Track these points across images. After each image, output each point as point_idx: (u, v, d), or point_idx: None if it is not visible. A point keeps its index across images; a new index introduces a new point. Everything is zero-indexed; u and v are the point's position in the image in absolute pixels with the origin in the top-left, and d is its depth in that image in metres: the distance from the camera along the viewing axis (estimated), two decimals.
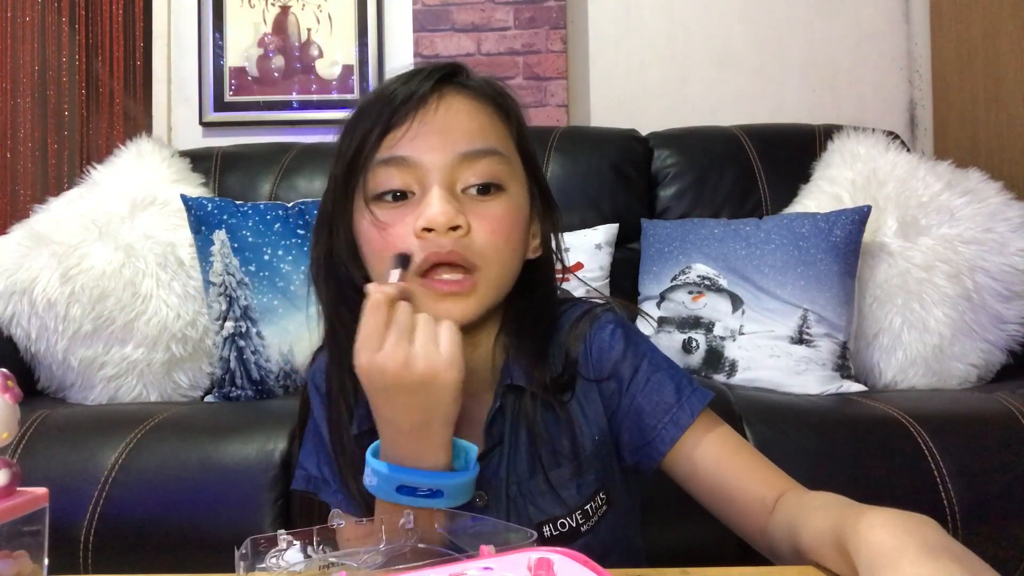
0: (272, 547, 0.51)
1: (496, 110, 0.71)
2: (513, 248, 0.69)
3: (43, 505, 0.44)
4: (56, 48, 2.48)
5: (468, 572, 0.45)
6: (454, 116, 0.68)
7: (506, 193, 0.68)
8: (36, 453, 1.24)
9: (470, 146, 0.67)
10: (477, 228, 0.66)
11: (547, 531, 0.68)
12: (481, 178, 0.67)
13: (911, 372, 1.52)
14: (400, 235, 0.66)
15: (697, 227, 1.72)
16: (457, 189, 0.67)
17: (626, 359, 0.73)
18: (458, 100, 0.69)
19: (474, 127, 0.68)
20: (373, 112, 0.69)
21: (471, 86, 0.71)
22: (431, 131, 0.67)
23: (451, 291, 0.66)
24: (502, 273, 0.69)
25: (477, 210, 0.67)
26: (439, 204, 0.64)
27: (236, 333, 1.54)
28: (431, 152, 0.66)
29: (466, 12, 2.26)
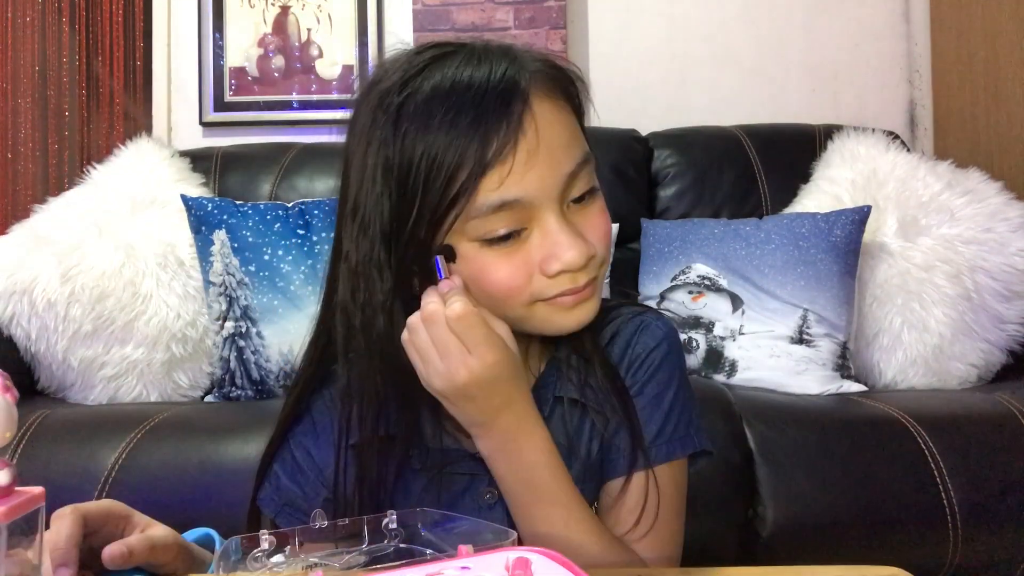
0: (254, 547, 0.51)
1: (568, 97, 0.66)
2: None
3: (40, 504, 0.44)
4: (56, 48, 2.48)
5: (446, 572, 0.45)
6: (550, 133, 0.61)
7: (597, 190, 0.67)
8: (36, 453, 1.24)
9: (572, 163, 0.63)
10: (592, 236, 0.65)
11: None
12: (584, 189, 0.64)
13: (911, 372, 1.52)
14: (522, 275, 0.63)
15: (697, 227, 1.72)
16: (563, 207, 0.63)
17: (653, 377, 0.71)
18: (544, 107, 0.62)
19: (569, 136, 0.64)
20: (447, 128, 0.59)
21: (545, 77, 0.64)
22: (538, 160, 0.60)
23: (579, 300, 0.65)
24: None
25: (585, 219, 0.65)
26: (569, 242, 0.62)
27: (236, 333, 1.54)
28: (541, 185, 0.61)
29: (466, 12, 2.26)
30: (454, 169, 0.59)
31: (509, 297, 0.64)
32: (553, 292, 0.64)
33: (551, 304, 0.64)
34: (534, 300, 0.64)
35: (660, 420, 0.69)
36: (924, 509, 1.17)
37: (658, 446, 0.68)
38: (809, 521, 1.19)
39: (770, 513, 1.19)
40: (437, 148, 0.59)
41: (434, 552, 0.53)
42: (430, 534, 0.56)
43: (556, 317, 0.65)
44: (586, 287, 0.65)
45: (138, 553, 0.56)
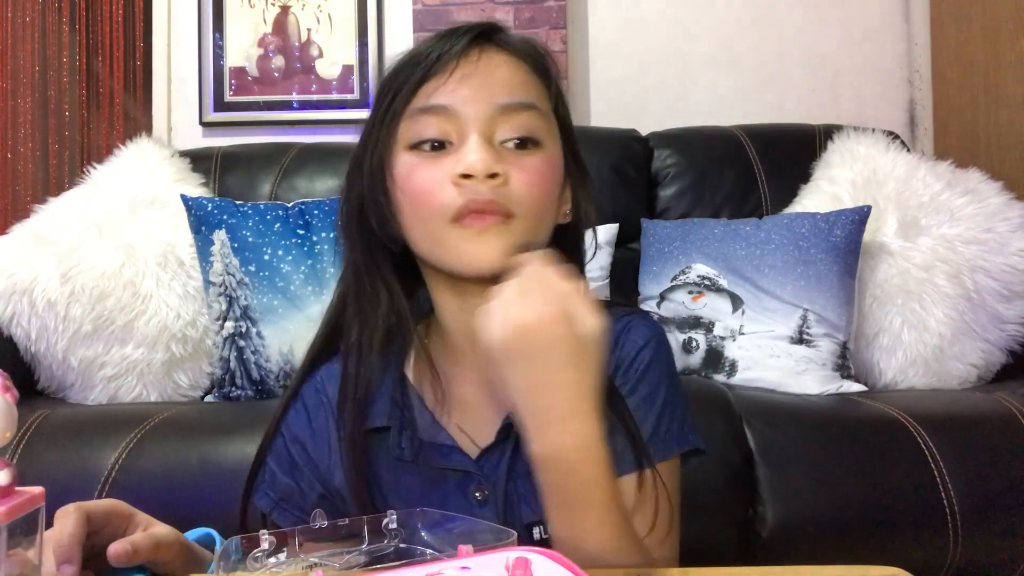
0: (254, 547, 0.51)
1: (535, 68, 0.71)
2: (549, 203, 0.69)
3: (40, 504, 0.44)
4: (56, 48, 2.48)
5: (446, 572, 0.45)
6: (495, 68, 0.68)
7: (543, 149, 0.68)
8: (36, 453, 1.24)
9: (510, 98, 0.67)
10: (515, 178, 0.66)
11: (537, 533, 0.67)
12: (520, 131, 0.67)
13: (911, 372, 1.52)
14: (437, 180, 0.66)
15: (697, 227, 1.72)
16: (495, 141, 0.67)
17: (643, 378, 0.71)
18: (500, 54, 0.70)
19: (515, 81, 0.69)
20: (411, 64, 0.69)
21: (511, 44, 0.71)
22: (472, 81, 0.67)
23: (483, 226, 0.65)
24: (538, 224, 0.68)
25: (515, 161, 0.66)
26: (478, 151, 0.64)
27: (236, 333, 1.54)
28: (471, 102, 0.66)
29: (466, 12, 2.26)
30: (405, 78, 0.69)
31: (425, 204, 0.67)
32: (458, 203, 0.65)
33: (460, 227, 0.65)
34: (446, 215, 0.65)
35: (654, 419, 0.70)
36: (924, 509, 1.17)
37: (654, 445, 0.68)
38: (809, 521, 1.19)
39: (770, 513, 1.19)
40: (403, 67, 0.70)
41: (434, 552, 0.53)
42: (430, 534, 0.56)
43: (464, 244, 0.65)
44: (490, 212, 0.65)
45: (142, 551, 0.56)
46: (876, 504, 1.19)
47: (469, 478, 0.69)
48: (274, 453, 0.74)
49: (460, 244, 0.66)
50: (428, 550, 0.54)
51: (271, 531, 0.53)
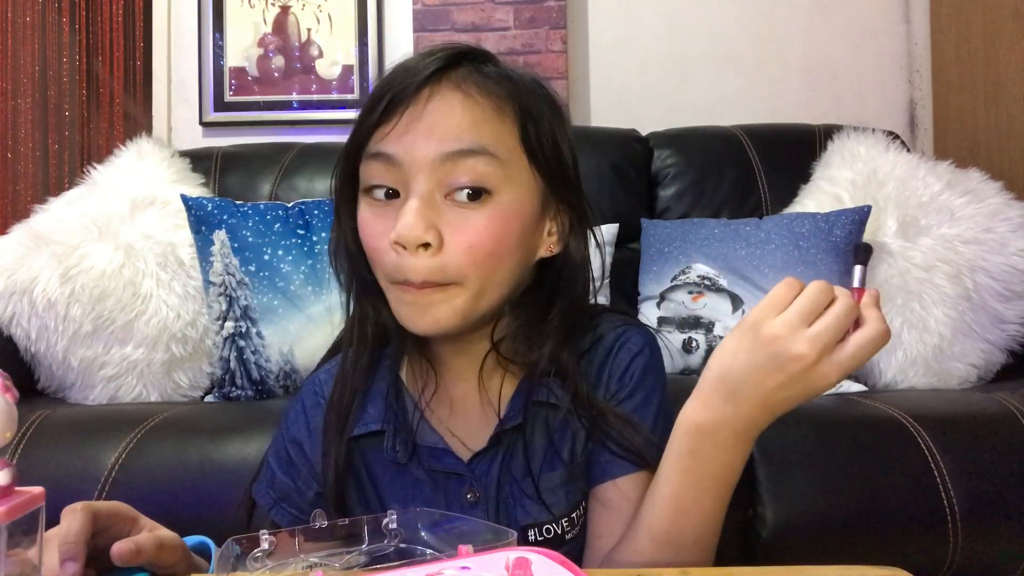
0: (254, 547, 0.51)
1: (500, 104, 0.67)
2: (501, 257, 0.65)
3: (40, 504, 0.44)
4: (56, 48, 2.48)
5: (446, 572, 0.45)
6: (443, 111, 0.65)
7: (494, 198, 0.64)
8: (36, 453, 1.24)
9: (456, 144, 0.63)
10: (453, 242, 0.63)
11: (532, 535, 0.68)
12: (466, 181, 0.63)
13: (911, 372, 1.52)
14: (381, 240, 0.65)
15: (697, 227, 1.72)
16: (440, 194, 0.64)
17: (641, 383, 0.72)
18: (454, 94, 0.65)
19: (464, 123, 0.64)
20: (371, 100, 0.68)
21: (479, 78, 0.67)
22: (417, 127, 0.64)
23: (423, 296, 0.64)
24: (486, 287, 0.66)
25: (456, 220, 0.64)
26: (410, 218, 0.62)
27: (236, 333, 1.54)
28: (414, 150, 0.64)
29: (466, 12, 2.26)
30: (365, 115, 0.67)
31: (373, 258, 0.67)
32: (396, 277, 0.65)
33: (399, 289, 0.65)
34: (388, 278, 0.66)
35: (650, 424, 0.70)
36: (924, 509, 1.17)
37: (653, 449, 0.68)
38: (809, 521, 1.19)
39: (770, 513, 1.19)
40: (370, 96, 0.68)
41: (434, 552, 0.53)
42: (430, 534, 0.56)
43: (403, 308, 0.66)
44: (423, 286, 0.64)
45: (146, 551, 0.56)
46: (876, 504, 1.19)
47: (461, 480, 0.69)
48: (274, 452, 0.76)
49: (400, 307, 0.66)
50: (428, 550, 0.54)
51: (271, 531, 0.53)
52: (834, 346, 0.54)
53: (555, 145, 0.70)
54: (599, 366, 0.73)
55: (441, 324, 0.65)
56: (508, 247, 0.66)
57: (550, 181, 0.69)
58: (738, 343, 0.57)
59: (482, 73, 0.68)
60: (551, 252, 0.71)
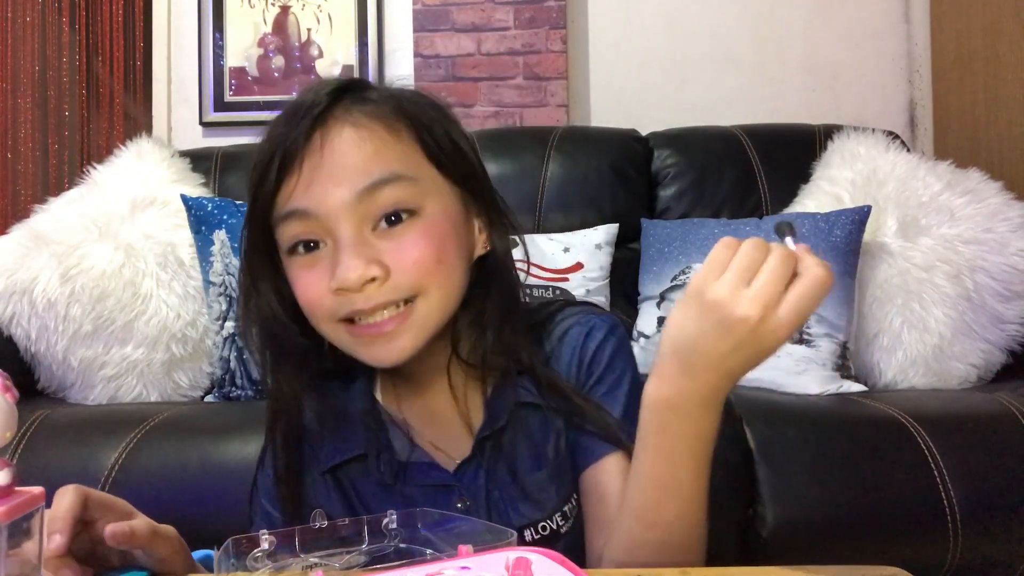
0: (254, 547, 0.51)
1: (390, 127, 0.67)
2: (449, 264, 0.67)
3: (40, 504, 0.44)
4: (56, 48, 2.48)
5: (446, 572, 0.45)
6: (342, 151, 0.64)
7: (420, 214, 0.65)
8: (36, 453, 1.24)
9: (366, 179, 0.63)
10: (397, 265, 0.64)
11: (528, 535, 0.68)
12: (388, 209, 0.64)
13: (911, 372, 1.52)
14: (317, 291, 0.64)
15: (697, 227, 1.72)
16: (366, 229, 0.64)
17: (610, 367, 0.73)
18: (345, 131, 0.65)
19: (366, 156, 0.64)
20: (263, 163, 0.66)
21: (361, 106, 0.67)
22: (321, 175, 0.64)
23: (378, 333, 0.64)
24: (444, 294, 0.67)
25: (392, 245, 0.64)
26: (346, 261, 0.62)
27: (236, 333, 1.54)
28: (327, 199, 0.63)
29: (466, 12, 2.26)
30: (260, 178, 0.66)
31: (311, 313, 0.66)
32: (342, 313, 0.64)
33: (350, 330, 0.65)
34: (333, 319, 0.65)
35: (622, 405, 0.71)
36: (924, 509, 1.17)
37: (628, 427, 0.68)
38: (809, 521, 1.19)
39: (770, 513, 1.19)
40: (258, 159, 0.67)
41: (434, 552, 0.53)
42: (430, 534, 0.56)
43: (361, 348, 0.66)
44: (388, 321, 0.64)
45: (140, 536, 0.56)
46: (876, 504, 1.18)
47: (450, 491, 0.69)
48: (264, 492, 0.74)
49: (357, 348, 0.66)
50: (428, 550, 0.54)
51: (271, 531, 0.53)
52: (777, 301, 0.52)
53: (454, 146, 0.70)
54: (568, 359, 0.73)
55: (408, 351, 0.66)
56: (450, 251, 0.67)
57: (462, 183, 0.70)
58: (684, 312, 0.55)
59: (363, 99, 0.67)
60: (487, 248, 0.73)
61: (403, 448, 0.70)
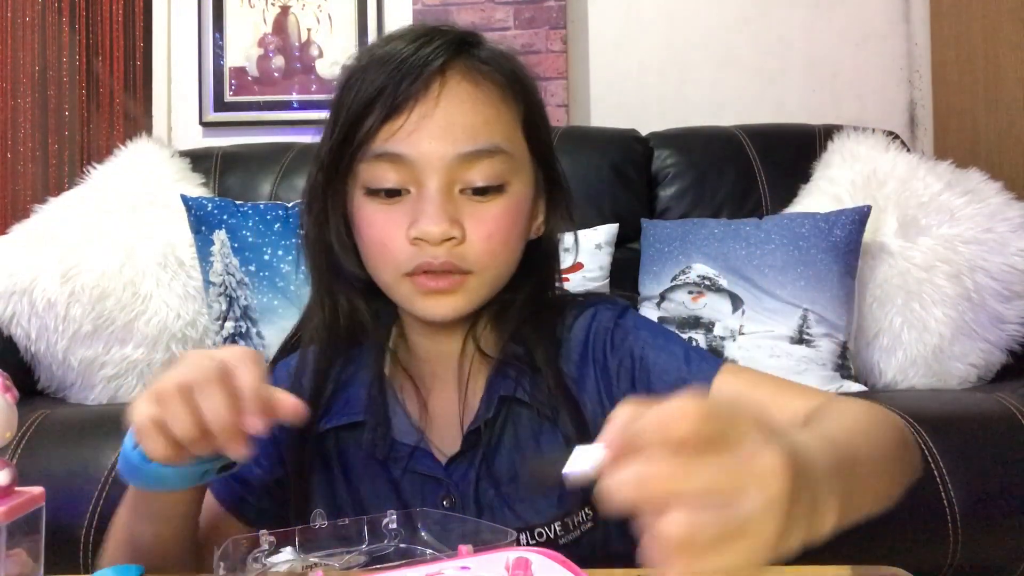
0: (254, 548, 0.51)
1: (504, 95, 0.67)
2: (512, 247, 0.67)
3: (40, 504, 0.44)
4: (56, 48, 2.48)
5: (446, 572, 0.45)
6: (457, 109, 0.64)
7: (507, 192, 0.66)
8: (36, 453, 1.24)
9: (472, 144, 0.63)
10: (473, 233, 0.64)
11: (523, 539, 0.65)
12: (482, 179, 0.64)
13: (911, 372, 1.52)
14: (392, 235, 0.64)
15: (697, 227, 1.72)
16: (455, 189, 0.64)
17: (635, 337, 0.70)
18: (463, 87, 0.64)
19: (478, 122, 0.64)
20: (371, 82, 0.64)
21: (482, 65, 0.66)
22: (430, 126, 0.63)
23: (437, 288, 0.64)
24: (498, 274, 0.67)
25: (474, 212, 0.64)
26: (433, 213, 0.62)
27: (236, 333, 1.54)
28: (430, 150, 0.63)
29: (466, 12, 2.26)
30: (362, 109, 0.64)
31: (380, 256, 0.66)
32: (412, 264, 0.64)
33: (413, 281, 0.65)
34: (400, 271, 0.65)
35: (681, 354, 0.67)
36: (924, 509, 1.17)
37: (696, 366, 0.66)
38: None
39: None
40: (360, 90, 0.65)
41: (434, 552, 0.53)
42: (430, 534, 0.56)
43: (416, 300, 0.65)
44: (444, 277, 0.64)
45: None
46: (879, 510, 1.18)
47: (438, 485, 0.67)
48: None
49: (414, 299, 0.66)
50: (428, 550, 0.54)
51: (271, 531, 0.53)
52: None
53: (545, 126, 0.71)
54: (580, 349, 0.70)
55: (459, 310, 0.66)
56: (517, 235, 0.68)
57: (542, 164, 0.71)
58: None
59: (481, 58, 0.67)
60: (538, 234, 0.72)
61: (401, 428, 0.68)
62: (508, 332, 0.70)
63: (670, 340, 0.70)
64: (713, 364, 0.67)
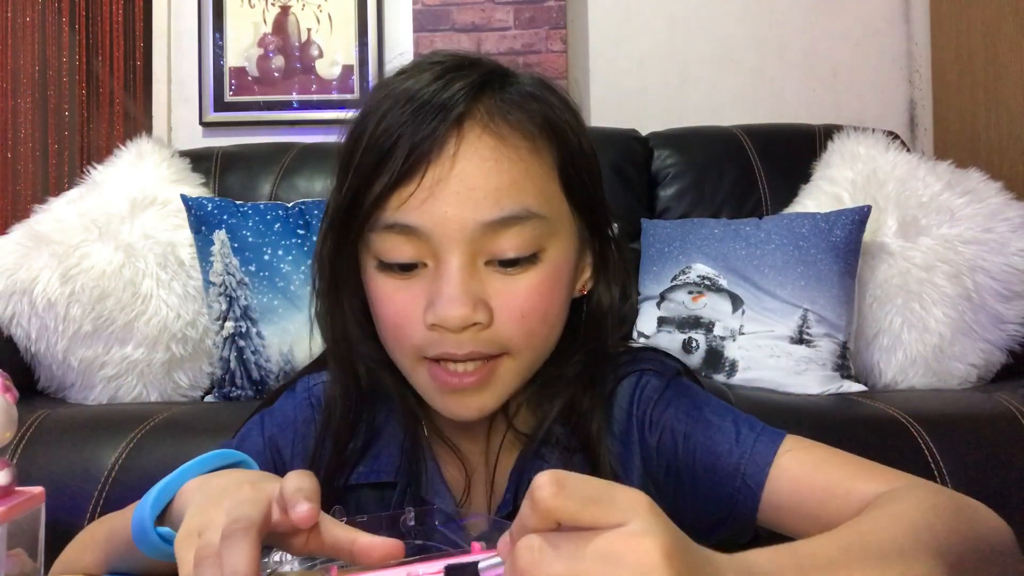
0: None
1: (535, 146, 0.56)
2: (552, 322, 0.58)
3: (40, 504, 0.44)
4: (56, 48, 2.48)
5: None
6: (477, 169, 0.54)
7: (542, 260, 0.56)
8: (36, 453, 1.24)
9: (498, 211, 0.53)
10: (503, 314, 0.55)
11: None
12: (511, 250, 0.54)
13: (911, 372, 1.52)
14: (410, 320, 0.55)
15: (697, 227, 1.72)
16: (479, 262, 0.55)
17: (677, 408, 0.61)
18: (484, 142, 0.54)
19: (503, 183, 0.54)
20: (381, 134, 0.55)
21: (509, 111, 0.56)
22: (447, 192, 0.53)
23: (461, 385, 0.55)
24: (535, 356, 0.58)
25: (503, 289, 0.55)
26: (452, 295, 0.53)
27: (236, 333, 1.54)
28: (446, 221, 0.53)
29: (466, 12, 2.26)
30: (370, 171, 0.55)
31: (395, 339, 0.57)
32: (432, 352, 0.55)
33: (432, 374, 0.56)
34: (418, 355, 0.56)
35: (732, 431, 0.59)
36: None
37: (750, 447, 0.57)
38: None
39: None
40: (369, 144, 0.56)
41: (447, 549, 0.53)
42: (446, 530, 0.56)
43: (435, 396, 0.57)
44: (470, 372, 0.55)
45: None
46: None
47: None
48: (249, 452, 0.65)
49: (433, 395, 0.58)
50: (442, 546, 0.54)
51: None
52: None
53: (589, 169, 0.60)
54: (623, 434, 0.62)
55: (485, 410, 0.57)
56: (559, 305, 0.58)
57: (586, 214, 0.61)
58: None
59: (507, 101, 0.57)
60: (585, 291, 0.63)
61: (430, 486, 0.62)
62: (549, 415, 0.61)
63: (719, 414, 0.61)
64: (769, 442, 0.58)
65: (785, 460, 0.56)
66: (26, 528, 0.43)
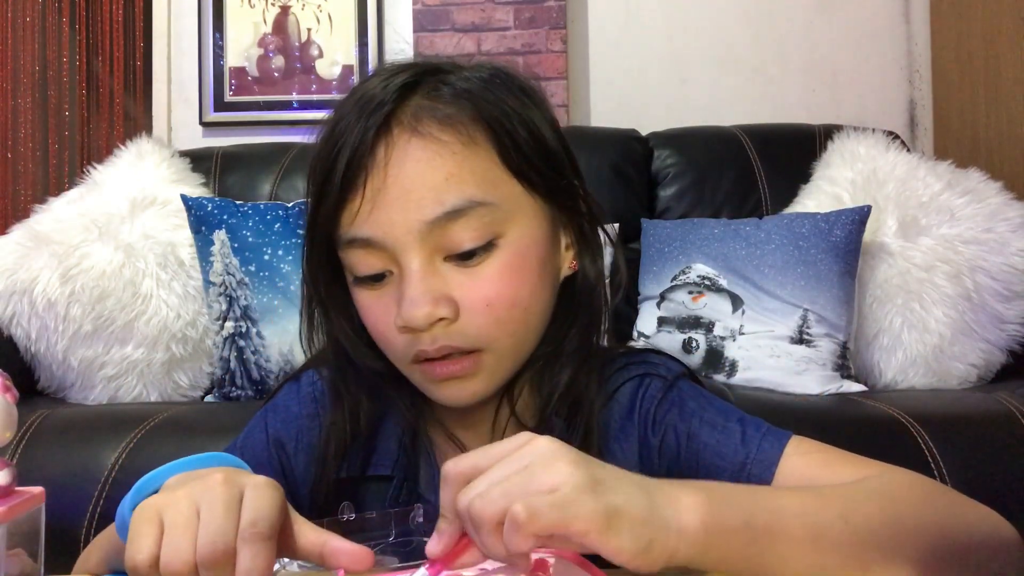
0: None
1: (468, 134, 0.56)
2: (526, 305, 0.58)
3: (40, 504, 0.44)
4: (56, 48, 2.48)
5: (464, 572, 0.45)
6: (412, 171, 0.55)
7: (500, 246, 0.56)
8: (36, 453, 1.24)
9: (440, 207, 0.54)
10: (468, 304, 0.55)
11: None
12: (466, 243, 0.55)
13: (911, 372, 1.52)
14: (387, 324, 0.57)
15: (697, 227, 1.72)
16: (437, 258, 0.56)
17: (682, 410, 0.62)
18: (413, 144, 0.55)
19: (438, 181, 0.55)
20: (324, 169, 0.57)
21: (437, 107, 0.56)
22: (386, 199, 0.55)
23: (449, 373, 0.57)
24: (517, 342, 0.59)
25: (465, 281, 0.56)
26: (412, 296, 0.54)
27: (236, 333, 1.54)
28: (392, 227, 0.55)
29: (466, 12, 2.26)
30: (319, 190, 0.57)
31: (382, 345, 0.59)
32: (410, 354, 0.57)
33: (421, 369, 0.58)
34: (406, 359, 0.58)
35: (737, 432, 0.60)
36: None
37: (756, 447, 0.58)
38: None
39: None
40: (320, 160, 0.58)
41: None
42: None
43: (430, 387, 0.59)
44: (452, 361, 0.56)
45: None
46: None
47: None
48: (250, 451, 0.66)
49: (428, 386, 0.59)
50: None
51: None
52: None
53: (540, 149, 0.59)
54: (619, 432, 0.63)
55: (479, 394, 0.59)
56: (531, 288, 0.58)
57: (549, 192, 0.60)
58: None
59: (435, 99, 0.57)
60: (574, 268, 0.63)
61: (429, 481, 0.63)
62: (551, 397, 0.62)
63: (724, 415, 0.62)
64: (774, 443, 0.58)
65: (791, 460, 0.57)
66: (26, 528, 0.43)
